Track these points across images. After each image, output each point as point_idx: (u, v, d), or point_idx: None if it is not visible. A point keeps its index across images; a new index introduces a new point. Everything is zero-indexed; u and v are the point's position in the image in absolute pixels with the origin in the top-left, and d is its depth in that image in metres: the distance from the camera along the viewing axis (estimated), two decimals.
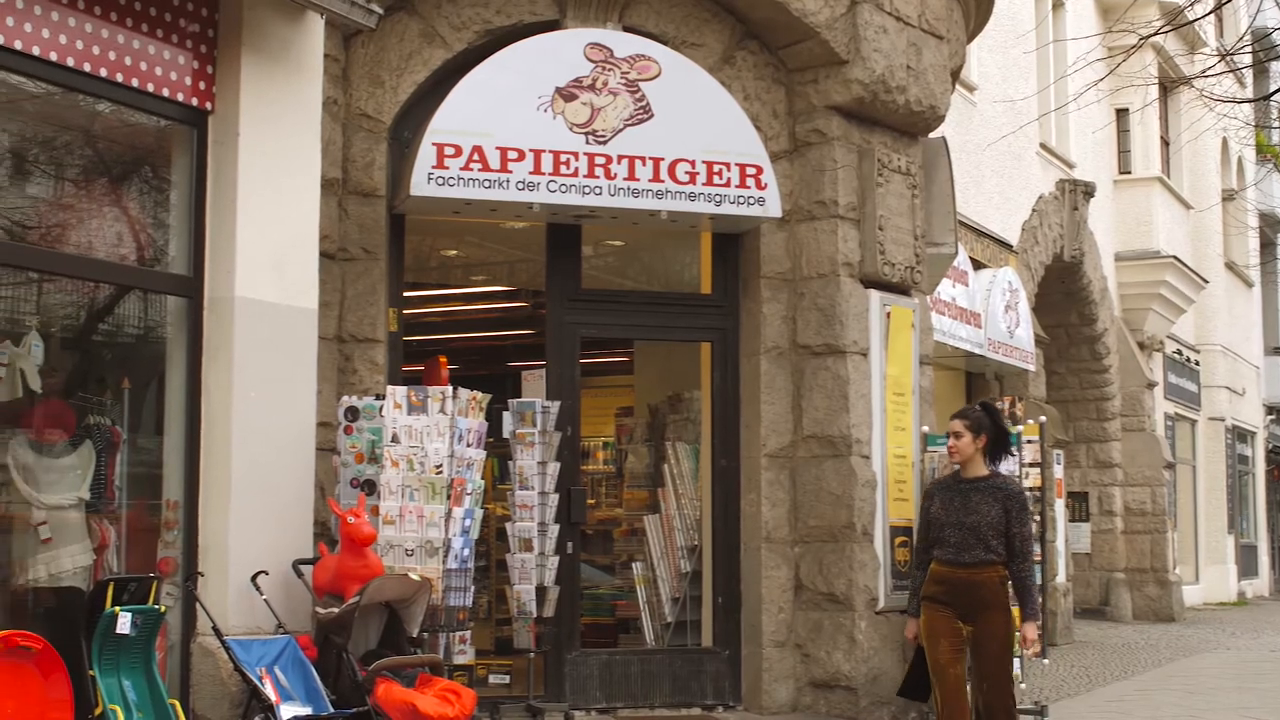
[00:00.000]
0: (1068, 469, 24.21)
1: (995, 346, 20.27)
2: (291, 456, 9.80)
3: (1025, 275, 22.50)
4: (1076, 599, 24.71)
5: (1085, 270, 25.28)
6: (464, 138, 11.00)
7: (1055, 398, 25.28)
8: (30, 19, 8.52)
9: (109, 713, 8.29)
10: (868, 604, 12.20)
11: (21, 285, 9.61)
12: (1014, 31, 22.54)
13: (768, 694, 12.19)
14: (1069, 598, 22.85)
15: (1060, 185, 24.74)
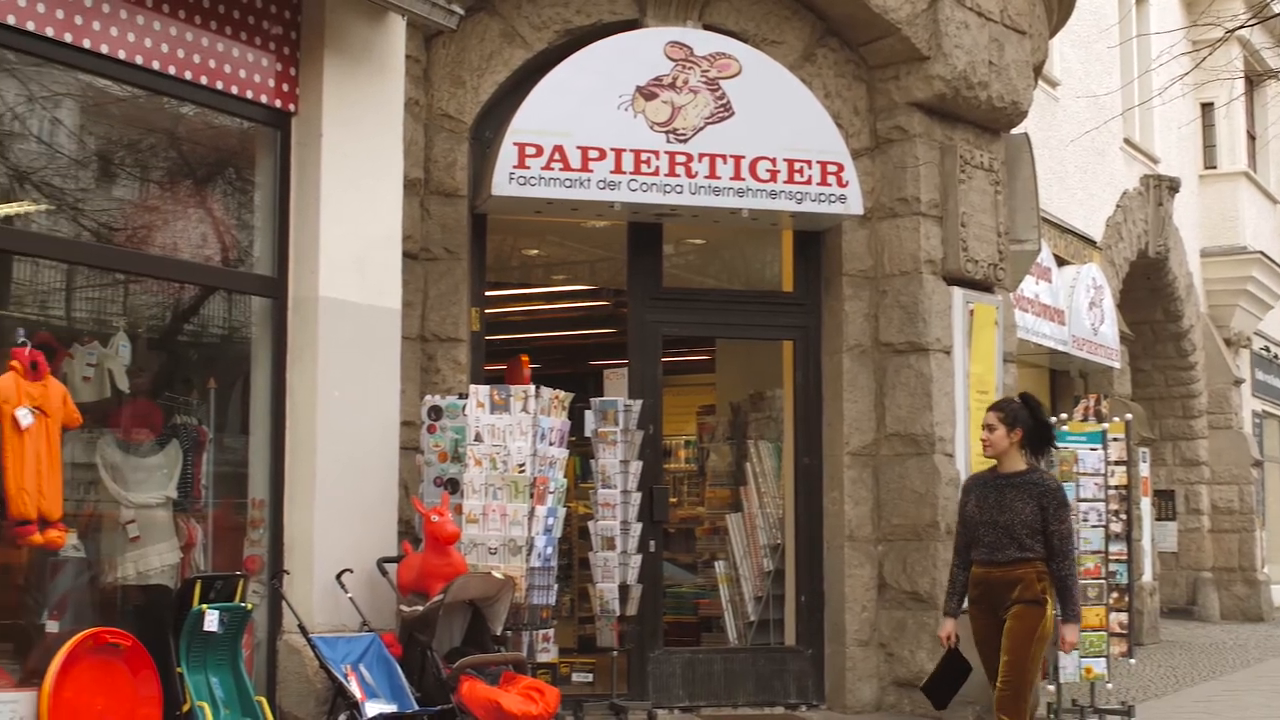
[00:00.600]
0: (1154, 467, 23.98)
1: (1079, 344, 20.11)
2: (375, 455, 9.86)
3: (1109, 271, 22.31)
4: (1163, 598, 24.50)
5: (1170, 266, 25.04)
6: (545, 137, 11.03)
7: (1141, 395, 25.06)
8: (116, 23, 8.61)
9: (197, 710, 8.36)
10: None
11: (109, 286, 9.71)
12: (1097, 26, 22.36)
13: (851, 693, 12.15)
14: (1155, 597, 22.66)
15: (1144, 181, 24.51)
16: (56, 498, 7.97)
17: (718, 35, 11.93)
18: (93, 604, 9.09)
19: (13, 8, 8.05)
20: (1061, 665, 12.15)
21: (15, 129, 8.97)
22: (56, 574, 8.94)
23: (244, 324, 9.95)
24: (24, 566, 8.80)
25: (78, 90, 9.22)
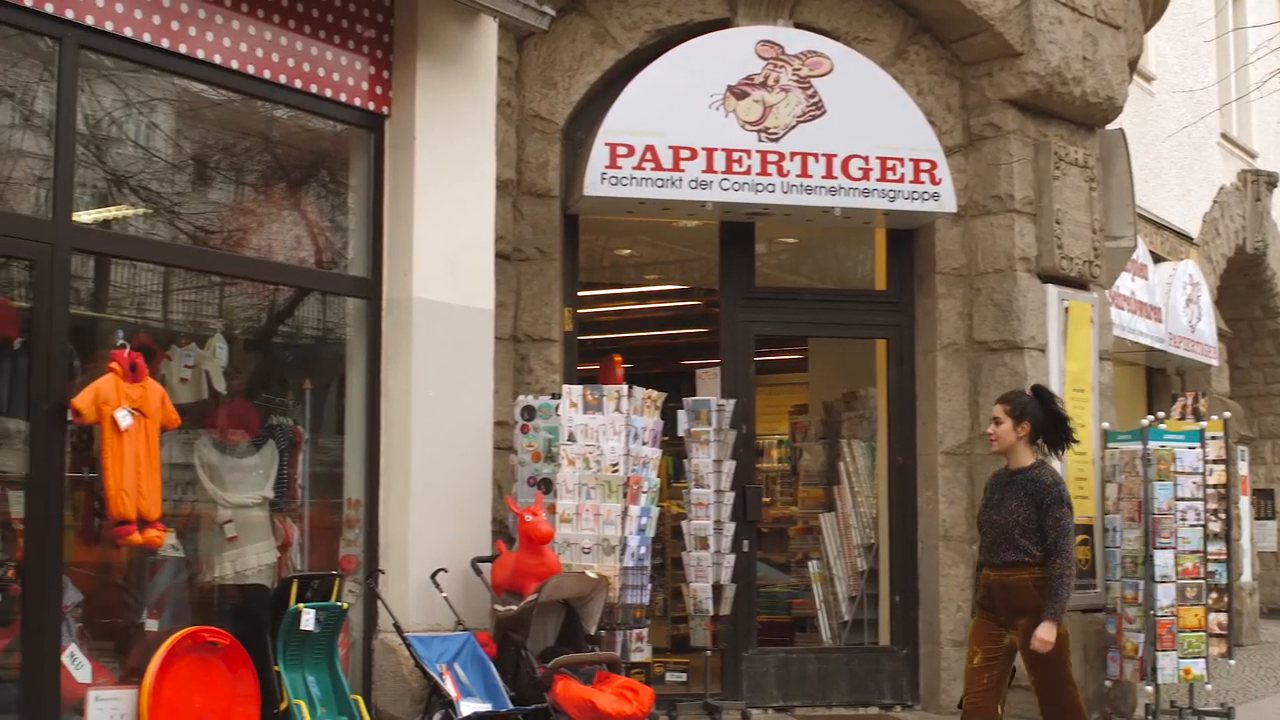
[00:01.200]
0: (1253, 466, 23.67)
1: (1176, 341, 19.89)
2: (469, 455, 9.90)
3: (1206, 268, 22.06)
4: (1263, 599, 24.17)
5: (1269, 262, 24.71)
6: (636, 137, 11.04)
7: (1239, 393, 24.75)
8: (211, 28, 8.70)
9: (294, 708, 8.42)
10: None
11: (205, 289, 9.80)
12: (1193, 19, 22.11)
13: (946, 693, 12.06)
14: (1255, 597, 22.37)
15: (1242, 176, 24.21)
16: (155, 498, 8.06)
17: (809, 33, 11.89)
18: (191, 603, 9.18)
19: (110, 14, 8.15)
20: (1160, 666, 12.02)
21: (113, 134, 9.07)
22: (155, 573, 9.04)
23: (339, 325, 10.01)
24: (123, 566, 8.91)
25: (173, 95, 9.32)
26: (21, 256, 8.08)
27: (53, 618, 7.84)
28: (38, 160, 8.39)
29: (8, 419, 8.41)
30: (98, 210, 8.98)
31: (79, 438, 8.20)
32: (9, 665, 7.98)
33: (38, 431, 7.84)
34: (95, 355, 8.46)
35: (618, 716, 8.94)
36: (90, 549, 8.57)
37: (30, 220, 8.15)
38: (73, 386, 7.97)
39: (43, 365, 7.87)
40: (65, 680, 7.92)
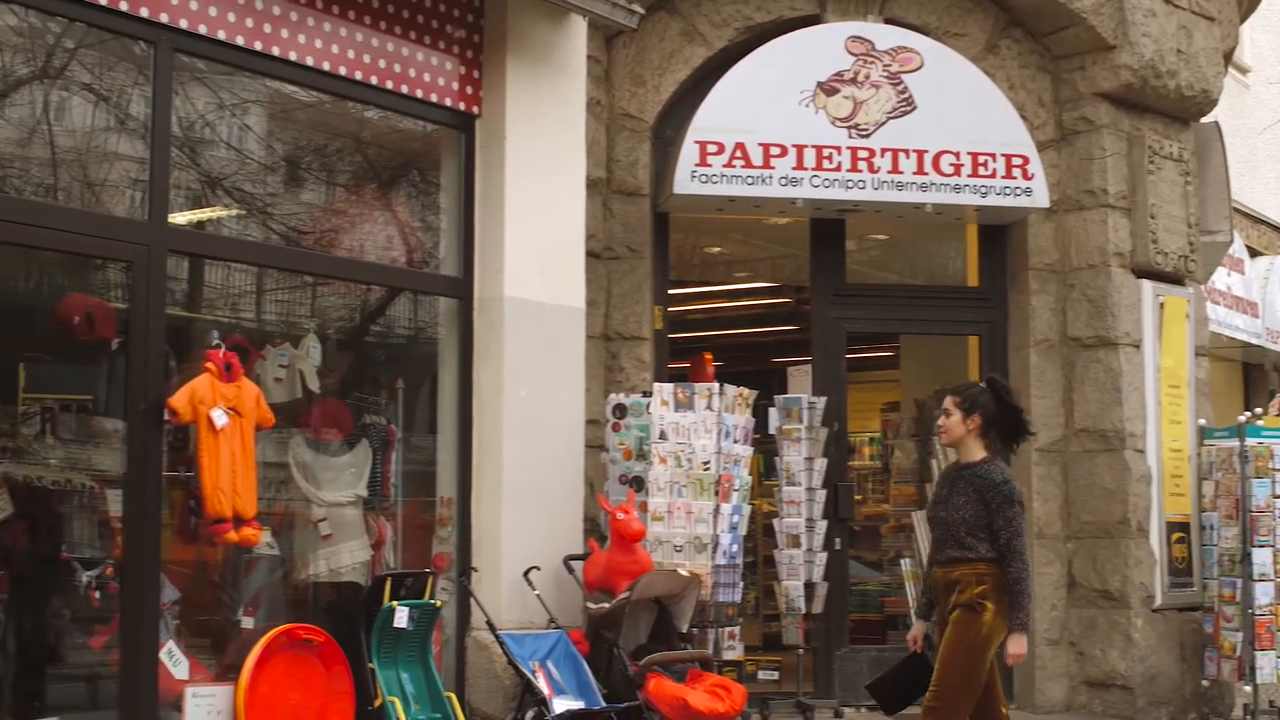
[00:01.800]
0: None
1: (1274, 336, 19.64)
2: (561, 453, 9.91)
3: None
4: None
5: None
6: (726, 135, 11.02)
7: None
8: (303, 30, 8.76)
9: (388, 705, 8.47)
10: (1144, 601, 11.93)
11: (298, 289, 9.88)
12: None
13: (1041, 692, 11.98)
14: None
15: None
16: (251, 496, 8.13)
17: (899, 29, 11.84)
18: (286, 600, 9.26)
19: (204, 17, 8.23)
20: (1258, 665, 11.87)
21: (206, 136, 9.16)
22: (250, 571, 9.11)
23: (430, 324, 10.06)
24: (219, 564, 8.99)
25: (265, 97, 9.40)
26: (119, 258, 8.17)
27: (151, 615, 7.93)
28: (133, 163, 8.49)
29: (106, 419, 8.51)
30: (192, 212, 9.07)
31: (175, 437, 8.28)
32: (108, 662, 8.08)
33: (135, 431, 7.93)
34: (191, 355, 8.54)
35: (710, 715, 8.93)
36: (187, 547, 8.66)
37: (127, 222, 8.24)
38: (169, 386, 8.05)
39: (140, 365, 7.95)
40: (163, 677, 8.01)
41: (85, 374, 8.69)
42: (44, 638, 8.38)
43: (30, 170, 8.43)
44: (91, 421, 8.64)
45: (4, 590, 8.26)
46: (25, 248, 8.15)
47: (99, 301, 8.60)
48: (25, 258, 8.68)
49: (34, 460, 8.40)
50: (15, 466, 8.27)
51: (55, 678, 8.45)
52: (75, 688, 8.48)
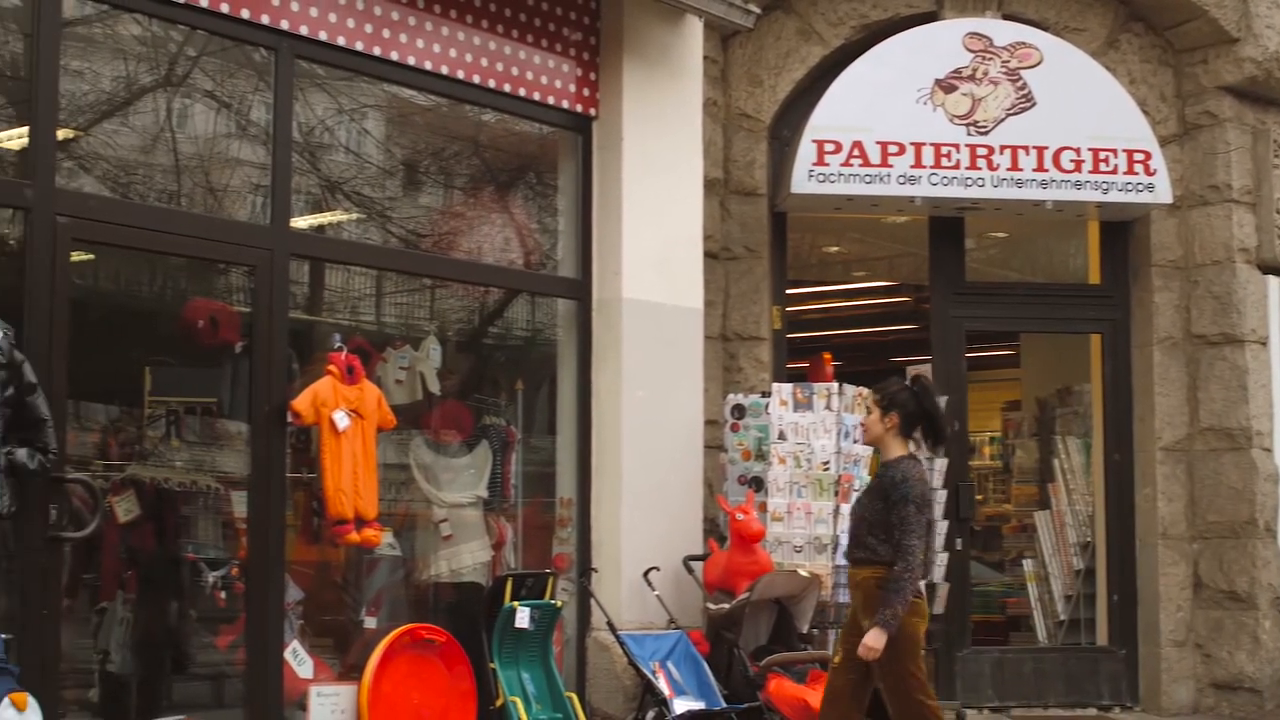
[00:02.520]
0: None
1: None
2: (680, 454, 9.92)
3: None
4: None
5: None
6: (843, 133, 10.97)
7: None
8: (422, 35, 8.82)
9: (509, 705, 8.51)
10: (1272, 603, 11.75)
11: (417, 291, 9.96)
12: None
13: (1167, 695, 11.82)
14: None
15: None
16: (372, 498, 8.20)
17: (1017, 24, 11.72)
18: (407, 601, 9.33)
19: (323, 24, 8.31)
20: None
21: (325, 140, 9.26)
22: (372, 571, 9.20)
23: (549, 326, 10.09)
24: (342, 564, 9.08)
25: (384, 101, 9.49)
26: (242, 262, 8.27)
27: (275, 615, 8.01)
28: (254, 168, 8.58)
29: (230, 421, 8.63)
30: (313, 216, 9.17)
31: (298, 439, 8.38)
32: (234, 661, 8.18)
33: (259, 433, 8.02)
34: (313, 358, 8.63)
35: None
36: (310, 548, 8.75)
37: (250, 227, 8.34)
38: (292, 389, 8.14)
39: (263, 368, 8.04)
40: (288, 676, 8.10)
41: (209, 377, 8.80)
42: (171, 637, 8.50)
43: (154, 177, 8.56)
44: (216, 424, 8.76)
45: (132, 590, 8.39)
46: (151, 253, 8.27)
47: (223, 306, 8.71)
48: (150, 263, 8.82)
49: (160, 463, 8.53)
50: (142, 469, 8.40)
51: (182, 676, 8.57)
52: (201, 686, 8.60)
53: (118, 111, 8.35)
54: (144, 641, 8.40)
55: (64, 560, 7.28)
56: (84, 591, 8.24)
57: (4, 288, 7.19)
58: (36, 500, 6.89)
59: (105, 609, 8.37)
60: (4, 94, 7.71)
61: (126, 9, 7.84)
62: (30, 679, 6.64)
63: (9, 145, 7.53)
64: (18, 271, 7.08)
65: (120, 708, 8.34)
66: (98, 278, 8.71)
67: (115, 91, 8.31)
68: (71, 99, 7.78)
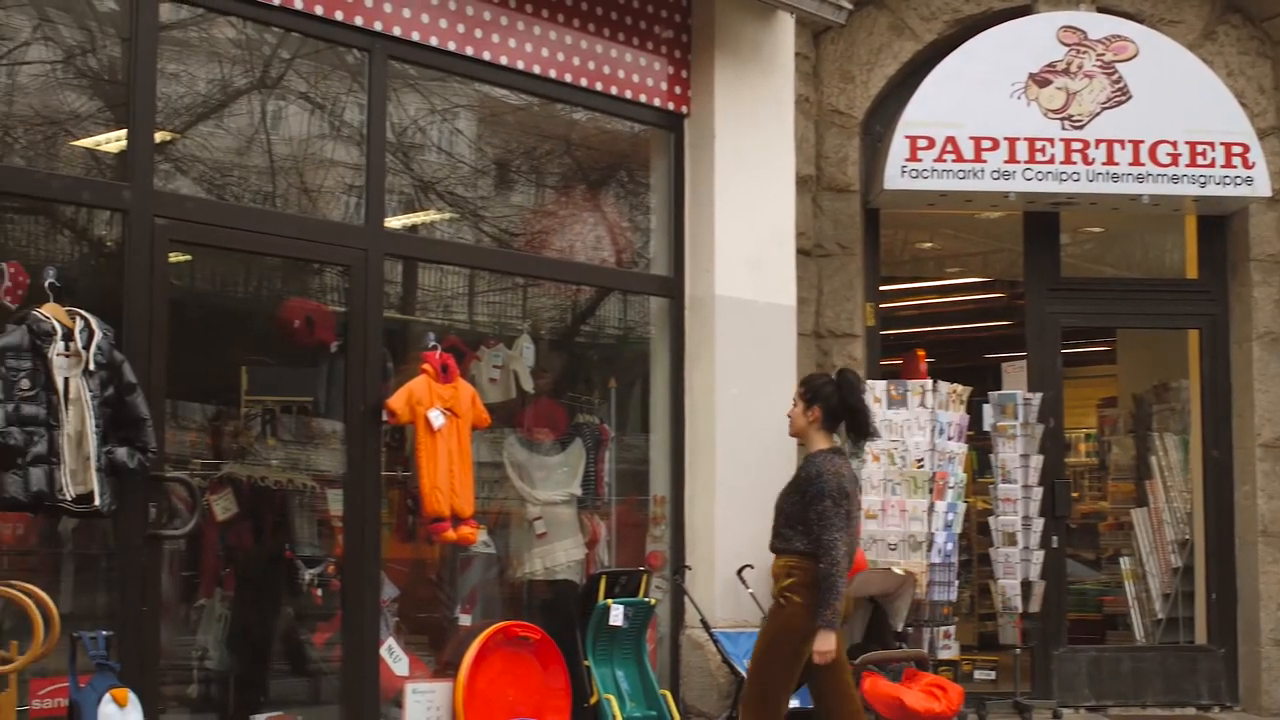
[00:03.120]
0: None
1: None
2: (773, 451, 9.87)
3: None
4: None
5: None
6: (936, 129, 10.91)
7: None
8: (514, 35, 8.85)
9: (603, 702, 8.53)
10: None
11: (509, 290, 9.99)
12: None
13: (1268, 694, 11.67)
14: None
15: None
16: (468, 495, 8.23)
17: (1112, 17, 11.62)
18: (502, 598, 9.37)
19: (416, 24, 8.35)
20: None
21: (418, 140, 9.31)
22: (467, 569, 9.24)
23: (641, 324, 10.10)
24: (436, 562, 9.13)
25: (476, 101, 9.52)
26: (337, 262, 8.32)
27: (372, 612, 8.06)
28: (348, 169, 8.65)
29: (325, 420, 8.69)
30: (406, 216, 9.22)
31: (393, 437, 8.43)
32: (330, 658, 8.24)
33: (355, 432, 8.07)
34: (407, 357, 8.68)
35: (926, 714, 8.86)
36: (405, 546, 8.80)
37: (345, 227, 8.40)
38: (387, 388, 8.18)
39: (359, 367, 8.09)
40: (384, 673, 8.14)
41: (305, 377, 8.87)
42: (268, 634, 8.57)
43: (249, 178, 8.64)
44: (311, 423, 8.83)
45: (230, 587, 8.47)
46: (247, 254, 8.34)
47: (318, 305, 8.78)
48: (246, 263, 8.90)
49: (257, 461, 8.60)
50: (239, 468, 8.47)
51: (279, 673, 8.64)
52: (298, 683, 8.67)
53: (213, 114, 8.43)
54: (242, 638, 8.48)
55: (163, 558, 7.35)
56: (183, 589, 8.33)
57: (103, 289, 7.28)
58: (136, 499, 6.98)
59: (203, 606, 8.47)
60: (102, 98, 7.80)
61: (221, 12, 7.91)
62: (130, 675, 6.73)
63: (108, 148, 7.62)
64: (117, 273, 7.17)
65: (218, 704, 8.42)
66: (194, 278, 8.80)
67: (211, 94, 8.39)
68: (168, 102, 7.86)
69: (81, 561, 7.71)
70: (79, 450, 6.54)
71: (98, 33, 7.76)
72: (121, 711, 6.43)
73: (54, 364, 6.50)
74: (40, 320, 6.53)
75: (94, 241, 8.06)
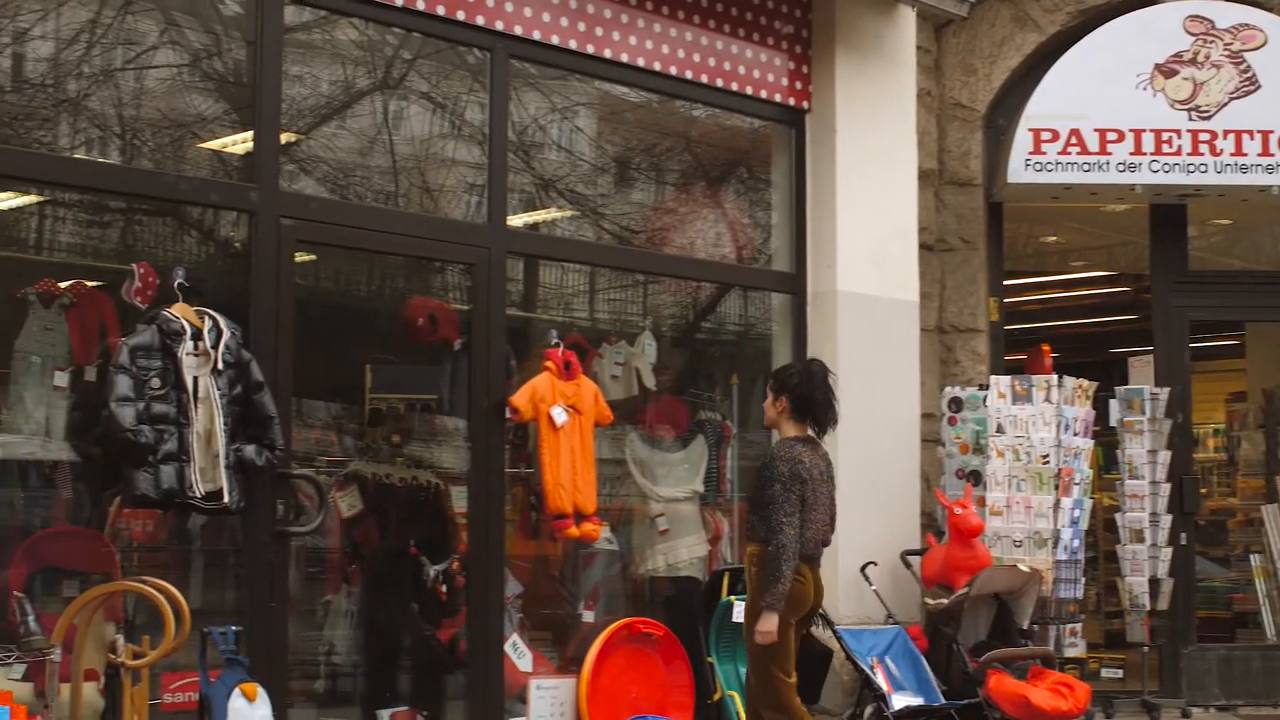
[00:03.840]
0: None
1: None
2: (896, 448, 9.86)
3: None
4: None
5: None
6: (1060, 121, 10.80)
7: None
8: (634, 32, 8.86)
9: (727, 699, 8.52)
10: None
11: (630, 287, 10.00)
12: None
13: None
14: None
15: None
16: (591, 492, 8.25)
17: (1240, 6, 11.43)
18: (624, 595, 9.38)
19: (537, 23, 8.38)
20: None
21: (538, 139, 9.34)
22: (589, 565, 9.27)
23: (762, 320, 10.09)
24: (559, 558, 9.16)
25: (595, 99, 9.55)
26: (461, 261, 8.37)
27: (496, 609, 8.11)
28: (469, 168, 8.70)
29: (449, 417, 8.74)
30: (527, 214, 9.26)
31: (516, 435, 8.46)
32: (456, 654, 8.29)
33: (478, 429, 8.12)
34: (530, 355, 8.71)
35: (1053, 713, 8.78)
36: (528, 542, 8.84)
37: (468, 225, 8.45)
38: (510, 385, 8.22)
39: (482, 365, 8.14)
40: (508, 669, 8.18)
41: (429, 374, 8.94)
42: (394, 630, 8.64)
43: (372, 178, 8.72)
44: (435, 420, 8.89)
45: (355, 583, 8.55)
46: (371, 253, 8.41)
47: (441, 304, 8.83)
48: (369, 262, 8.98)
49: (381, 458, 8.68)
50: (364, 465, 8.55)
51: (404, 668, 8.71)
52: (424, 678, 8.72)
53: (336, 115, 8.52)
54: (367, 634, 8.56)
55: (290, 554, 7.44)
56: (309, 585, 8.42)
57: (230, 288, 7.37)
58: (264, 496, 7.06)
59: (330, 602, 8.55)
60: (228, 100, 7.90)
61: (344, 14, 7.98)
62: (259, 670, 6.81)
63: (234, 150, 7.72)
64: (243, 273, 7.25)
65: (345, 699, 8.51)
66: (318, 278, 8.89)
67: (334, 95, 8.47)
68: (292, 103, 7.94)
69: (210, 558, 7.82)
70: (208, 448, 6.62)
71: (223, 36, 7.86)
72: (250, 706, 6.50)
73: (183, 363, 6.59)
74: (170, 320, 6.62)
75: (221, 242, 8.17)
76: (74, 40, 7.38)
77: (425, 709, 8.36)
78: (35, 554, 7.03)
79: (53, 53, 7.43)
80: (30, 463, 7.20)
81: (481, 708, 8.01)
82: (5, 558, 6.97)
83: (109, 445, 6.56)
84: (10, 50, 7.34)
